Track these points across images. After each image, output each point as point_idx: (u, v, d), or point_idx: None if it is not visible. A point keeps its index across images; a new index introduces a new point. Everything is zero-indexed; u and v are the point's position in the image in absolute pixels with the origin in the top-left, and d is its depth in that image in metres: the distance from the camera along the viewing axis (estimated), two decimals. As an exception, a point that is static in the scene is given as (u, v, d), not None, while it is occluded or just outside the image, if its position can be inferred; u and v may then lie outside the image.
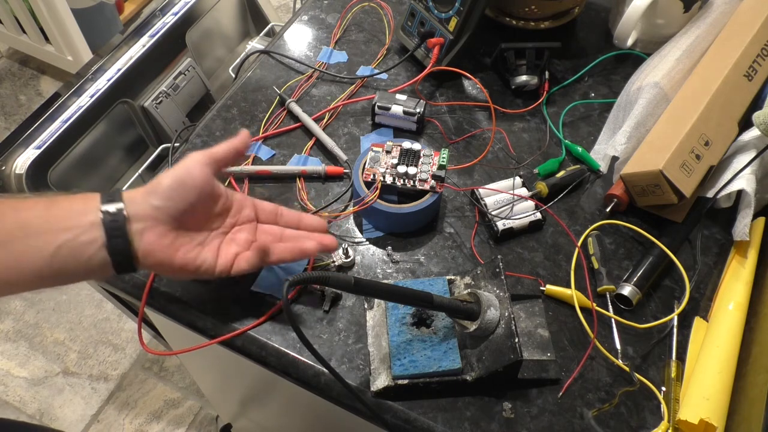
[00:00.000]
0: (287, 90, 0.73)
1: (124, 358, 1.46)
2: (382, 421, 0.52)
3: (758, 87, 0.66)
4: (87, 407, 1.39)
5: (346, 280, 0.44)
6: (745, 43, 0.66)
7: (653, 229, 0.62)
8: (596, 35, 0.81)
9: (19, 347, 1.46)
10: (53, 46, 1.72)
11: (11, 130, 0.81)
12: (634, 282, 0.58)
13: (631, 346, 0.56)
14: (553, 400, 0.53)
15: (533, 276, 0.60)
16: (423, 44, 0.74)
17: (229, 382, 0.87)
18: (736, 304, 0.57)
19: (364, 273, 0.60)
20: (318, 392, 0.55)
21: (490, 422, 0.52)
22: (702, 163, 0.61)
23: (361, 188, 0.60)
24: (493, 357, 0.50)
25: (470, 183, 0.66)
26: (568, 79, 0.75)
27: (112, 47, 0.88)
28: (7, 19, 1.72)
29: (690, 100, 0.64)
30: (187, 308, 0.57)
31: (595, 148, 0.69)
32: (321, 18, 0.82)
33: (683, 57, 0.69)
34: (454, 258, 0.61)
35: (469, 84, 0.75)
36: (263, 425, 1.06)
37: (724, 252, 0.63)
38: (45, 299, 1.53)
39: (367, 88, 0.74)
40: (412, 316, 0.54)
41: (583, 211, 0.65)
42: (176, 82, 0.94)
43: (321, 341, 0.56)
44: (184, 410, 1.39)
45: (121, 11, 1.80)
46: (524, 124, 0.72)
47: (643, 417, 0.52)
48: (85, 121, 0.82)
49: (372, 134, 0.70)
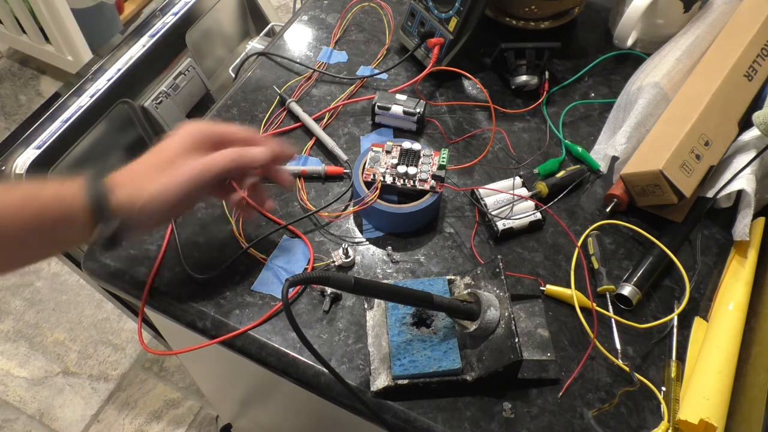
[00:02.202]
0: (287, 90, 0.73)
1: (124, 358, 1.46)
2: (382, 421, 0.52)
3: (758, 87, 0.66)
4: (87, 407, 1.39)
5: (346, 280, 0.44)
6: (745, 43, 0.66)
7: (653, 229, 0.62)
8: (596, 35, 0.81)
9: (19, 347, 1.46)
10: (53, 46, 1.72)
11: (11, 130, 0.81)
12: (634, 282, 0.58)
13: (631, 346, 0.56)
14: (553, 400, 0.53)
15: (533, 276, 0.60)
16: (423, 44, 0.74)
17: (229, 382, 0.87)
18: (736, 304, 0.57)
19: (364, 273, 0.60)
20: (318, 392, 0.55)
21: (490, 422, 0.52)
22: (702, 163, 0.61)
23: (361, 188, 0.60)
24: (493, 357, 0.50)
25: (470, 183, 0.66)
26: (568, 79, 0.75)
27: (112, 47, 0.88)
28: (7, 19, 1.72)
29: (690, 100, 0.64)
30: (187, 308, 0.57)
31: (595, 148, 0.69)
32: (321, 18, 0.82)
33: (683, 57, 0.69)
34: (454, 258, 0.61)
35: (469, 84, 0.75)
36: (263, 425, 1.06)
37: (724, 252, 0.63)
38: (45, 299, 1.53)
39: (367, 88, 0.74)
40: (412, 316, 0.54)
41: (583, 211, 0.65)
42: (176, 82, 0.94)
43: (321, 341, 0.56)
44: (184, 410, 1.39)
45: (121, 11, 1.80)
46: (524, 124, 0.72)
47: (643, 417, 0.52)
48: (85, 121, 0.82)
49: (372, 134, 0.70)
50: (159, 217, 0.51)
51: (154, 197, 0.49)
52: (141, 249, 0.60)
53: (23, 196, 0.45)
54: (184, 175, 0.49)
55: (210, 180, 0.50)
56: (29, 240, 0.46)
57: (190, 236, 0.61)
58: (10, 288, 1.55)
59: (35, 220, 0.45)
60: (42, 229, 0.46)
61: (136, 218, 0.49)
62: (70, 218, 0.46)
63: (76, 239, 0.50)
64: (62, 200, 0.46)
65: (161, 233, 0.61)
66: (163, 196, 0.49)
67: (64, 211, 0.46)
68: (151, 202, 0.49)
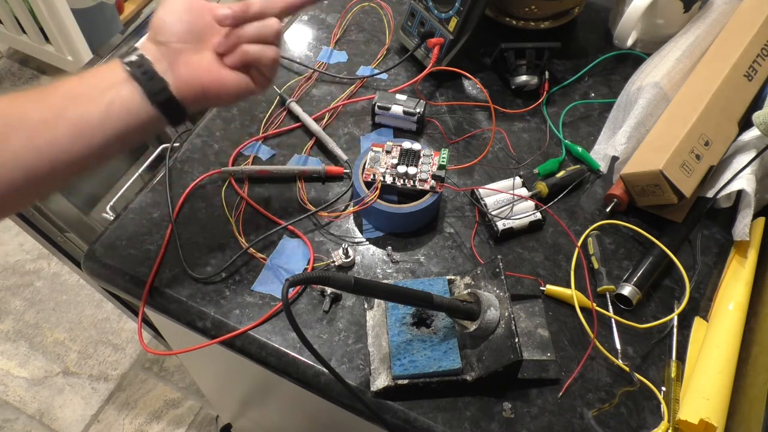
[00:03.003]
0: (287, 90, 0.73)
1: (124, 358, 1.46)
2: (382, 421, 0.52)
3: (758, 87, 0.66)
4: (87, 407, 1.39)
5: (346, 280, 0.44)
6: (745, 43, 0.66)
7: (653, 229, 0.62)
8: (596, 35, 0.81)
9: (19, 347, 1.46)
10: (53, 46, 1.72)
11: (11, 130, 0.81)
12: (634, 282, 0.58)
13: (631, 346, 0.56)
14: (553, 400, 0.53)
15: (533, 276, 0.60)
16: (423, 44, 0.74)
17: (229, 382, 0.87)
18: (736, 304, 0.57)
19: (364, 273, 0.60)
20: (318, 392, 0.55)
21: (490, 422, 0.52)
22: (702, 163, 0.61)
23: (361, 188, 0.60)
24: (493, 357, 0.50)
25: (470, 183, 0.66)
26: (568, 79, 0.75)
27: (112, 47, 0.88)
28: (7, 19, 1.72)
29: (690, 100, 0.64)
30: (187, 308, 0.57)
31: (595, 148, 0.69)
32: (321, 18, 0.82)
33: (683, 57, 0.69)
34: (454, 258, 0.61)
35: (469, 84, 0.75)
36: (263, 425, 1.06)
37: (724, 252, 0.63)
38: (45, 299, 1.53)
39: (367, 88, 0.74)
40: (412, 316, 0.54)
41: (583, 211, 0.65)
42: (176, 82, 0.94)
43: (321, 341, 0.56)
44: (184, 410, 1.39)
45: (121, 11, 1.80)
46: (524, 124, 0.72)
47: (643, 417, 0.52)
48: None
49: (372, 134, 0.70)
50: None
51: (226, 88, 0.50)
52: (141, 249, 0.60)
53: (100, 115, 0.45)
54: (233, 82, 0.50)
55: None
56: (110, 151, 0.47)
57: (190, 236, 0.61)
58: (10, 288, 1.55)
59: (119, 143, 0.47)
60: (121, 143, 0.47)
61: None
62: (149, 127, 0.48)
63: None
64: (139, 119, 0.46)
65: (161, 233, 0.61)
66: (234, 92, 0.50)
67: (139, 124, 0.47)
68: (227, 96, 0.50)
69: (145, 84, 0.46)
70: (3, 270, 1.58)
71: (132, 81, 0.46)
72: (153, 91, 0.46)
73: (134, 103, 0.46)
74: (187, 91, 0.48)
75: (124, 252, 0.60)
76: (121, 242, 0.61)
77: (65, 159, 0.44)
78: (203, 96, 0.49)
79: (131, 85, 0.46)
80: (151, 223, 0.62)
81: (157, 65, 0.47)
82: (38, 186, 0.45)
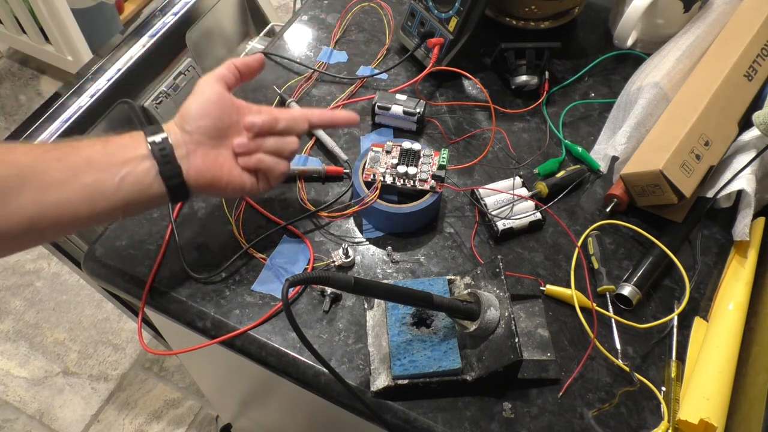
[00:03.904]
0: (287, 90, 0.73)
1: (124, 358, 1.46)
2: (382, 421, 0.52)
3: (758, 87, 0.66)
4: (87, 407, 1.39)
5: (346, 280, 0.44)
6: (745, 43, 0.66)
7: (653, 229, 0.62)
8: (596, 35, 0.81)
9: (19, 347, 1.46)
10: (53, 46, 1.72)
11: (11, 130, 0.81)
12: (634, 282, 0.58)
13: (631, 346, 0.56)
14: (553, 400, 0.53)
15: (533, 276, 0.60)
16: (423, 44, 0.74)
17: (229, 382, 0.87)
18: (736, 304, 0.57)
19: (364, 273, 0.60)
20: (318, 392, 0.55)
21: (490, 422, 0.52)
22: (702, 163, 0.61)
23: (361, 188, 0.60)
24: (493, 357, 0.50)
25: (470, 183, 0.66)
26: (568, 79, 0.75)
27: (112, 47, 0.88)
28: (7, 19, 1.72)
29: (690, 100, 0.64)
30: (187, 308, 0.57)
31: (595, 148, 0.69)
32: (321, 18, 0.82)
33: (683, 57, 0.69)
34: (454, 258, 0.61)
35: (469, 84, 0.75)
36: (263, 425, 1.06)
37: (724, 252, 0.63)
38: (45, 299, 1.53)
39: (367, 88, 0.74)
40: (412, 316, 0.54)
41: (583, 211, 0.65)
42: (176, 82, 0.94)
43: (321, 341, 0.56)
44: (184, 410, 1.39)
45: (121, 11, 1.80)
46: (524, 124, 0.72)
47: (643, 417, 0.52)
48: (85, 121, 0.82)
49: (372, 134, 0.70)
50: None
51: (230, 186, 0.53)
52: (141, 249, 0.60)
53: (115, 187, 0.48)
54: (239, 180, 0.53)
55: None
56: (114, 217, 0.50)
57: (190, 236, 0.61)
58: (10, 288, 1.55)
59: (124, 212, 0.49)
60: (126, 212, 0.50)
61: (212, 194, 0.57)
62: (153, 203, 0.50)
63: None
64: (148, 194, 0.49)
65: (161, 233, 0.61)
66: (237, 190, 0.54)
67: (146, 199, 0.49)
68: (228, 192, 0.53)
69: (163, 166, 0.49)
70: (3, 270, 1.58)
71: (151, 159, 0.48)
72: (167, 175, 0.49)
73: (147, 180, 0.48)
74: (197, 180, 0.50)
75: (124, 252, 0.60)
76: (121, 242, 0.61)
77: (70, 218, 0.47)
78: (210, 187, 0.52)
79: (149, 162, 0.48)
80: (151, 223, 0.62)
81: (177, 150, 0.49)
82: (38, 237, 0.48)
